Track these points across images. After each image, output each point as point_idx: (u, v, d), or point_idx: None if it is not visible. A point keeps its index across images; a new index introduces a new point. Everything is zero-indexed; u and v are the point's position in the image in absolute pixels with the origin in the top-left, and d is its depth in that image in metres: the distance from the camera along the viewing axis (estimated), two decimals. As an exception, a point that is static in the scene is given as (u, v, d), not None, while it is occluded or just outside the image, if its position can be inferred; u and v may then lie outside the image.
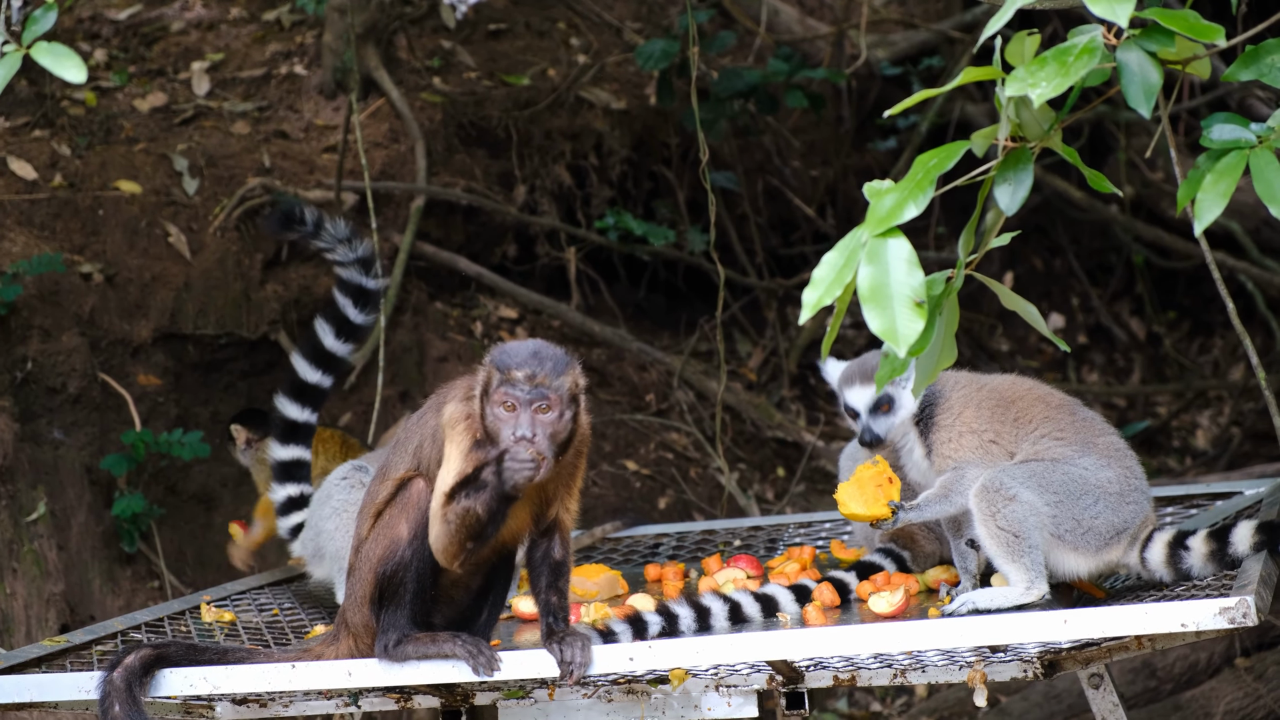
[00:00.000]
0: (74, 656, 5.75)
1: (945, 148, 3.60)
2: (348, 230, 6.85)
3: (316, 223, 6.83)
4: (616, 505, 9.60)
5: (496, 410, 4.88)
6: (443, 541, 4.99)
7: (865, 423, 5.61)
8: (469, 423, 4.96)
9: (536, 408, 4.87)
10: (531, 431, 4.85)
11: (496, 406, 4.88)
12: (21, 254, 8.67)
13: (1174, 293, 12.27)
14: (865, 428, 5.61)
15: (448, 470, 4.96)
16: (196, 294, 9.14)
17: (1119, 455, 5.51)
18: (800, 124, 11.59)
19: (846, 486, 5.56)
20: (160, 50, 10.49)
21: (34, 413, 8.51)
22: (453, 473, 4.94)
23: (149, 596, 8.58)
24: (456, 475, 4.93)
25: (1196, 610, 4.74)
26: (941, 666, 5.32)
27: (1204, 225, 3.75)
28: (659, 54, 9.98)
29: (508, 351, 4.94)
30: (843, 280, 3.54)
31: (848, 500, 5.55)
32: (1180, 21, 3.55)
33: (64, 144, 9.45)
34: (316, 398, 6.92)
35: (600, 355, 10.48)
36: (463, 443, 4.95)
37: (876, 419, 5.60)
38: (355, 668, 5.13)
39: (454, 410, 5.00)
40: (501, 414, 4.88)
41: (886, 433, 5.61)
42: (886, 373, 3.84)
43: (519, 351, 4.94)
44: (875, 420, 5.60)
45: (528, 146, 10.53)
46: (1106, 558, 5.41)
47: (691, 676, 5.28)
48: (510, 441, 4.85)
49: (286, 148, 9.89)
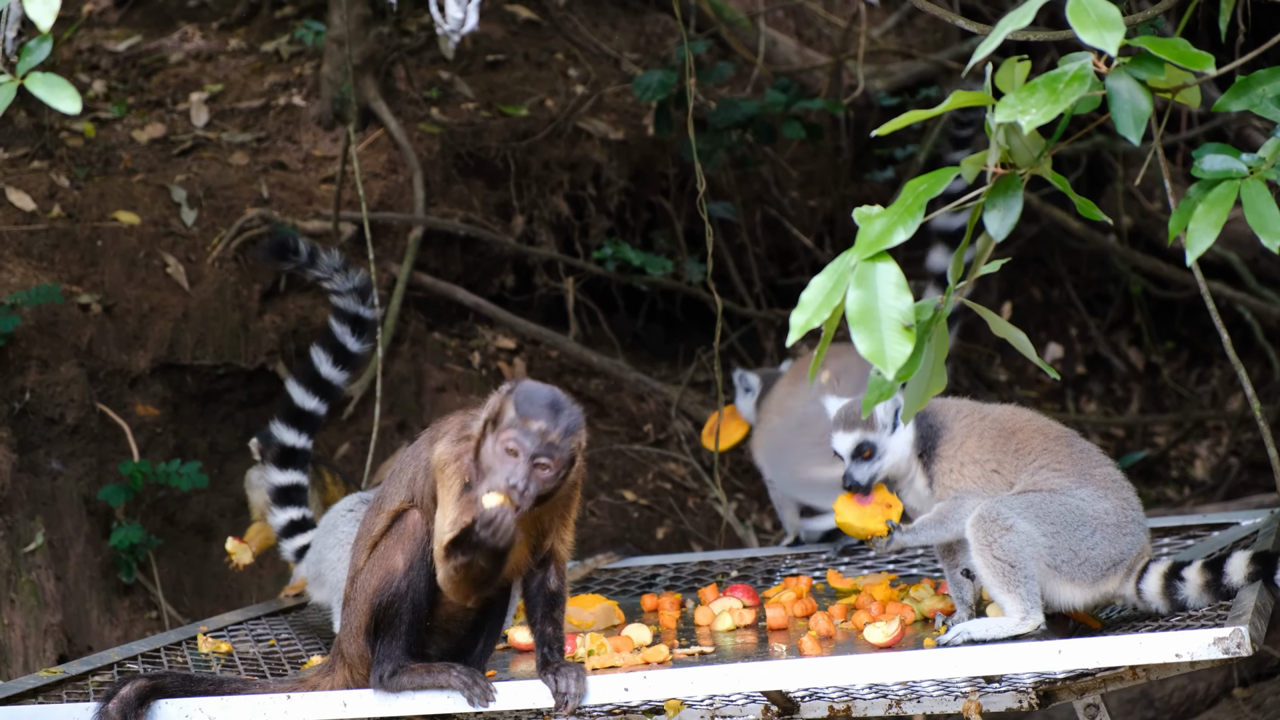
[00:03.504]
0: (70, 687, 5.76)
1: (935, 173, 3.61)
2: (342, 260, 6.87)
3: (311, 252, 6.86)
4: (614, 535, 9.60)
5: (499, 448, 4.87)
6: (449, 585, 5.01)
7: (847, 468, 5.61)
8: (458, 465, 4.95)
9: (538, 463, 4.87)
10: (524, 484, 4.85)
11: (500, 446, 4.87)
12: (20, 285, 8.68)
13: (1172, 323, 12.26)
14: (846, 473, 5.61)
15: (443, 519, 4.96)
16: (194, 324, 9.14)
17: (1116, 487, 5.51)
18: (798, 154, 11.60)
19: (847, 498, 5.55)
20: (159, 81, 10.51)
21: (32, 443, 8.51)
22: (448, 523, 4.94)
23: (147, 627, 8.57)
24: (452, 527, 4.93)
25: (1191, 640, 4.74)
26: (937, 697, 5.32)
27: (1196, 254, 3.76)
28: (657, 85, 9.99)
29: (529, 396, 4.92)
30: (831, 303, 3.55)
31: (844, 509, 5.54)
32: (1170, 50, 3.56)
33: (62, 175, 9.46)
34: (312, 424, 6.95)
35: (598, 385, 10.47)
36: (453, 487, 4.95)
37: (858, 465, 5.60)
38: (350, 698, 5.13)
39: (444, 451, 5.00)
40: (502, 454, 4.87)
41: (868, 479, 5.59)
42: (874, 397, 3.84)
43: (539, 399, 4.91)
44: (857, 466, 5.60)
45: (526, 177, 10.54)
46: (1102, 589, 5.41)
47: (687, 707, 5.29)
48: (501, 484, 4.84)
49: (285, 178, 9.90)
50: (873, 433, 5.60)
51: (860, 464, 5.60)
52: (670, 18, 11.59)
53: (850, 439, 5.61)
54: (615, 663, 5.47)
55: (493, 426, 4.90)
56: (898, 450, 5.59)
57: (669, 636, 5.95)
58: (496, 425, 4.89)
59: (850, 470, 5.60)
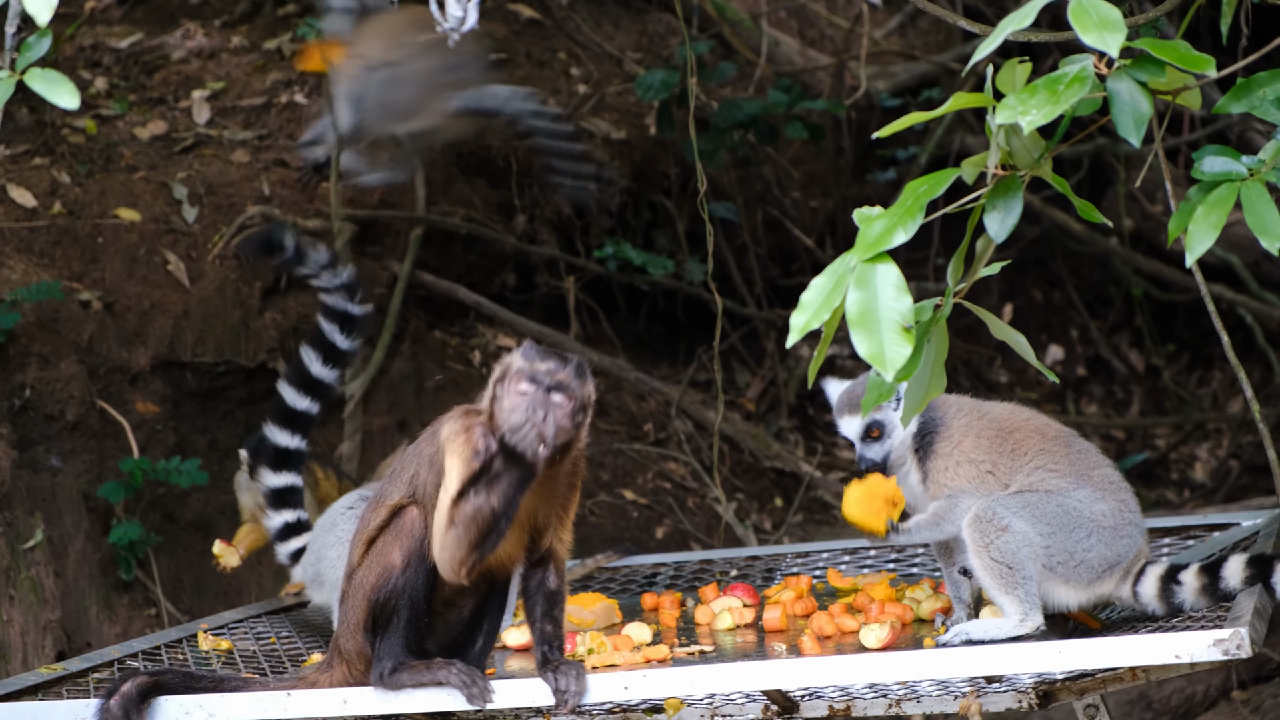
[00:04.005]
0: (70, 684, 5.75)
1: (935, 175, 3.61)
2: (330, 256, 6.84)
3: (298, 248, 6.82)
4: (614, 534, 9.59)
5: (514, 396, 4.86)
6: (450, 550, 4.93)
7: (860, 451, 5.59)
8: (468, 435, 4.93)
9: (554, 399, 4.86)
10: (544, 412, 4.83)
11: (513, 391, 4.86)
12: (20, 281, 8.68)
13: (1173, 325, 12.26)
14: (860, 455, 5.59)
15: (452, 477, 4.92)
16: (195, 322, 9.14)
17: (1114, 488, 5.49)
18: (800, 155, 11.60)
19: (855, 488, 5.52)
20: (161, 79, 10.51)
21: (32, 440, 8.51)
22: (457, 477, 4.90)
23: (146, 624, 8.57)
24: (462, 478, 4.90)
25: (1190, 642, 4.73)
26: (937, 697, 5.31)
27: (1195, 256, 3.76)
28: (659, 84, 9.99)
29: (534, 347, 4.93)
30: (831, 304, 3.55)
31: (851, 503, 5.51)
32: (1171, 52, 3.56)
33: (64, 172, 9.46)
34: (305, 424, 6.92)
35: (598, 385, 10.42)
36: (464, 452, 4.92)
37: (869, 445, 5.58)
38: (350, 695, 5.13)
39: (453, 426, 4.98)
40: (516, 397, 4.85)
41: (883, 458, 5.58)
42: (873, 398, 3.84)
43: (544, 349, 4.93)
44: (868, 447, 5.58)
45: (527, 176, 10.54)
46: (1098, 590, 5.39)
47: (687, 706, 5.28)
48: (521, 422, 4.83)
49: (286, 176, 9.90)
50: (879, 412, 5.59)
51: (871, 444, 5.58)
52: (673, 17, 11.59)
53: (857, 421, 5.59)
54: (615, 661, 5.47)
55: (501, 384, 4.88)
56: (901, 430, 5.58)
57: (669, 635, 5.94)
58: (504, 380, 4.88)
59: (863, 452, 5.58)
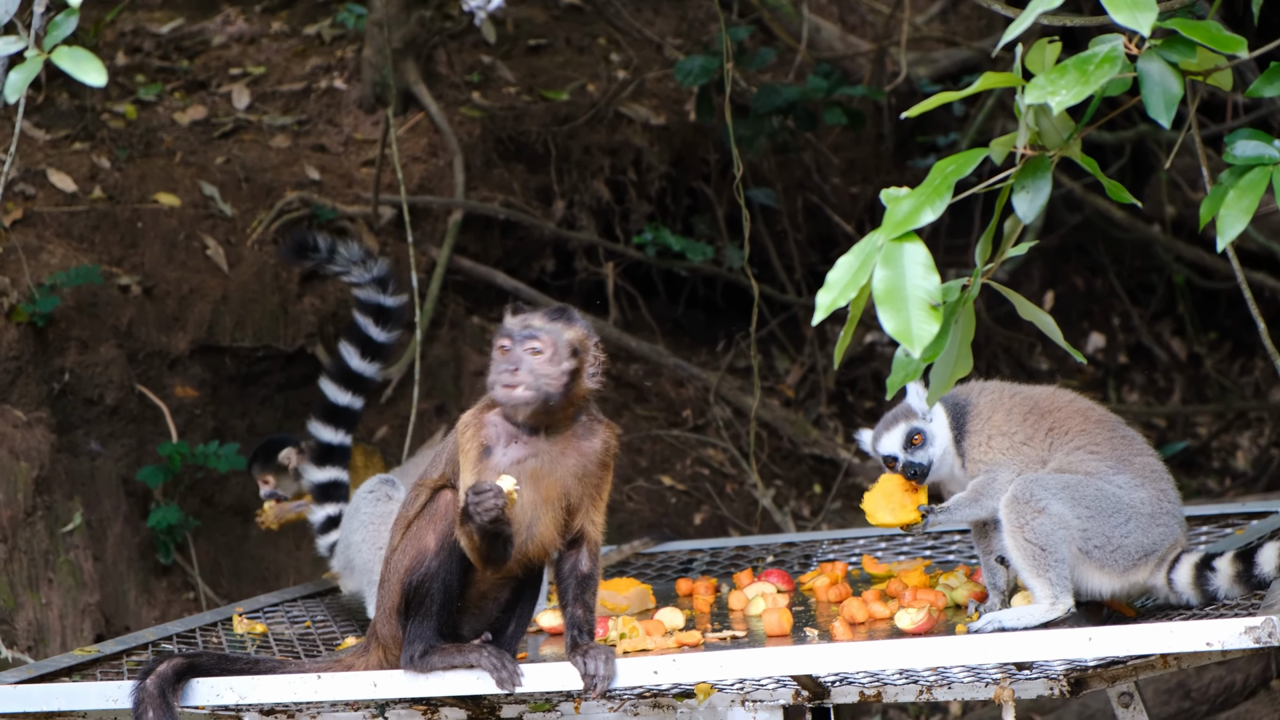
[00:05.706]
0: (105, 666, 5.79)
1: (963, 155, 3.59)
2: (361, 252, 6.90)
3: (330, 248, 6.88)
4: (652, 520, 9.59)
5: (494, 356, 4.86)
6: (468, 551, 4.99)
7: (903, 460, 5.55)
8: (476, 429, 4.94)
9: (529, 347, 4.85)
10: (515, 365, 4.83)
11: (493, 356, 4.86)
12: (60, 266, 8.71)
13: (1215, 313, 12.19)
14: (905, 464, 5.55)
15: (462, 486, 4.95)
16: (234, 306, 9.17)
17: (1154, 477, 5.45)
18: (840, 141, 11.58)
19: (872, 496, 5.53)
20: (201, 64, 10.54)
21: (71, 424, 8.54)
22: (462, 490, 4.93)
23: (184, 608, 8.60)
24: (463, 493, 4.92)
25: (1221, 629, 4.71)
26: (968, 683, 5.29)
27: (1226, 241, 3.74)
28: (698, 70, 9.98)
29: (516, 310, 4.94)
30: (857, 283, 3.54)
31: (875, 510, 5.51)
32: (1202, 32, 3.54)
33: (104, 157, 9.49)
34: (349, 419, 6.96)
35: (637, 370, 10.47)
36: (471, 452, 4.94)
37: (913, 452, 5.55)
38: (380, 679, 5.13)
39: (465, 417, 4.99)
40: (496, 358, 4.85)
41: (929, 462, 5.55)
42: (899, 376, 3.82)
43: (529, 308, 4.92)
44: (912, 454, 5.55)
45: (566, 162, 10.54)
46: (1132, 578, 5.36)
47: (717, 691, 5.26)
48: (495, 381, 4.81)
49: (325, 161, 9.92)
50: (916, 419, 5.57)
51: (914, 451, 5.56)
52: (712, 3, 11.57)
53: (897, 432, 5.56)
54: (646, 646, 5.46)
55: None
56: (942, 435, 5.56)
57: (703, 621, 5.94)
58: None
59: (908, 460, 5.55)
